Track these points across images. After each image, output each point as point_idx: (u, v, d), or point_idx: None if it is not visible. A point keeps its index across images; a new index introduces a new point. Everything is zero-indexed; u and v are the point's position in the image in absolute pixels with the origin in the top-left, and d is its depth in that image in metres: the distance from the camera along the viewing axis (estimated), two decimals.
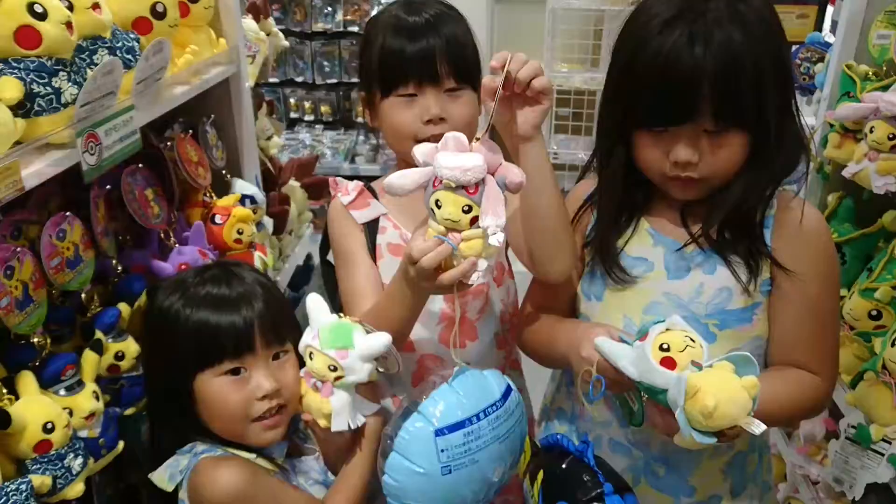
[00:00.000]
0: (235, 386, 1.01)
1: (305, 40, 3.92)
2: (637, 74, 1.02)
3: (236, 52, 1.56)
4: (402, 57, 1.15)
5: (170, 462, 1.03)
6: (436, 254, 0.94)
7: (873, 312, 1.49)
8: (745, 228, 1.09)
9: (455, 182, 0.91)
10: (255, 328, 1.02)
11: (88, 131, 0.97)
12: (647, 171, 1.10)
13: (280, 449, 1.07)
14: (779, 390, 1.07)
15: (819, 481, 1.71)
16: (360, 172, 3.96)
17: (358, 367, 0.98)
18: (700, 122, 1.00)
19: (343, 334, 0.99)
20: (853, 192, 1.70)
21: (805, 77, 1.99)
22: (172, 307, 1.03)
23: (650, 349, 0.92)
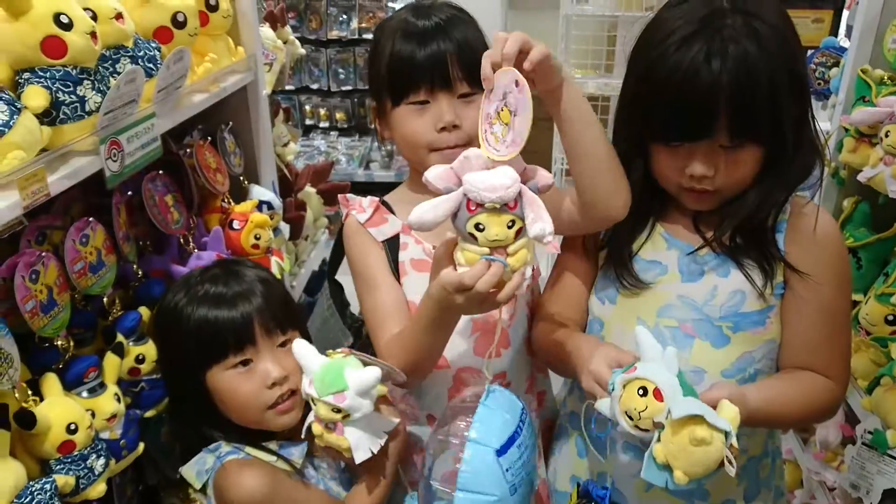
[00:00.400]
0: (244, 377, 1.06)
1: (321, 48, 3.97)
2: (654, 90, 1.02)
3: (254, 60, 1.58)
4: (412, 63, 1.13)
5: (197, 459, 1.07)
6: (491, 276, 0.91)
7: (889, 317, 1.49)
8: (757, 234, 1.10)
9: (500, 202, 0.88)
10: (255, 320, 1.07)
11: (111, 138, 0.99)
12: (663, 181, 1.11)
13: (300, 449, 1.09)
14: (790, 394, 1.08)
15: (835, 487, 1.70)
16: (375, 179, 4.00)
17: (358, 405, 0.99)
18: (716, 138, 1.01)
19: (335, 378, 0.99)
20: (869, 197, 1.69)
21: (820, 82, 1.99)
22: (177, 305, 1.09)
23: (619, 414, 0.91)
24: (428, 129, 1.14)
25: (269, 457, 1.06)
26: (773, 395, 1.06)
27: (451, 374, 1.23)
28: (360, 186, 3.99)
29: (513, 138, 0.91)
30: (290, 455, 1.08)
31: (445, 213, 0.91)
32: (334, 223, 3.38)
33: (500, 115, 0.92)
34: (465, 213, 0.90)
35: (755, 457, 1.19)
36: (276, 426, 1.09)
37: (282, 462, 1.07)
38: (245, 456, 1.06)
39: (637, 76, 1.08)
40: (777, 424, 1.17)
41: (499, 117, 0.92)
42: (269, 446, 1.08)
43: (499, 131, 0.92)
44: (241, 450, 1.06)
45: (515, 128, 0.91)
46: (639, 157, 1.11)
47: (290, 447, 1.09)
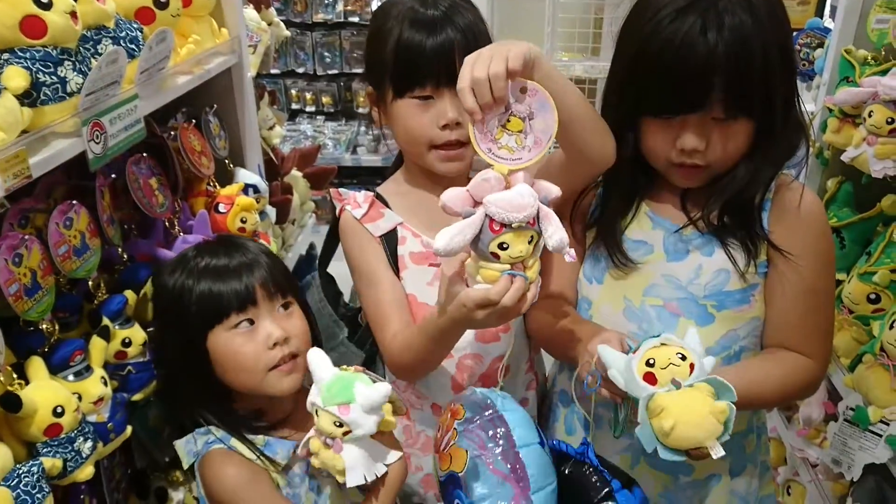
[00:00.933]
0: (246, 337, 1.06)
1: (306, 31, 3.92)
2: (648, 63, 1.02)
3: (238, 42, 1.57)
4: (420, 56, 1.11)
5: (189, 438, 1.08)
6: (516, 291, 0.94)
7: (872, 296, 1.51)
8: (744, 212, 1.10)
9: (525, 221, 0.91)
10: (256, 282, 1.07)
11: (94, 120, 0.98)
12: (652, 157, 1.11)
13: (285, 449, 1.07)
14: (768, 375, 1.09)
15: (818, 464, 1.73)
16: (362, 163, 3.98)
17: (363, 421, 0.96)
18: (710, 110, 1.01)
19: (343, 389, 0.97)
20: (852, 177, 1.71)
21: (805, 63, 2.00)
22: (177, 283, 1.09)
23: (636, 363, 0.93)
24: (430, 125, 1.14)
25: (251, 454, 1.05)
26: (751, 377, 1.08)
27: (454, 362, 1.24)
28: (347, 171, 3.96)
29: (535, 140, 0.94)
30: (273, 454, 1.06)
31: (470, 237, 0.93)
32: (322, 208, 3.37)
33: (507, 127, 0.94)
34: (489, 234, 0.92)
35: (740, 432, 1.20)
36: (276, 389, 1.08)
37: (264, 461, 1.06)
38: (229, 448, 1.05)
39: (629, 51, 1.07)
40: (755, 406, 1.18)
41: (504, 130, 0.94)
42: (254, 441, 1.07)
43: (510, 142, 0.94)
44: (226, 441, 1.06)
45: (535, 129, 0.94)
46: (628, 135, 1.10)
47: (276, 445, 1.07)
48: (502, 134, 0.94)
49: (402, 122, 1.16)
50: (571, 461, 1.05)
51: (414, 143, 1.17)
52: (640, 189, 1.17)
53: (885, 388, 1.36)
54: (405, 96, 1.14)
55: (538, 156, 0.95)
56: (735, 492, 1.23)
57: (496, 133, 0.94)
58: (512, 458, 0.99)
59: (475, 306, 0.96)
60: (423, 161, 1.19)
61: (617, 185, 1.16)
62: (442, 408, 1.26)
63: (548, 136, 0.94)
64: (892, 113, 1.44)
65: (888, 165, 1.46)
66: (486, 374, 1.25)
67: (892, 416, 1.34)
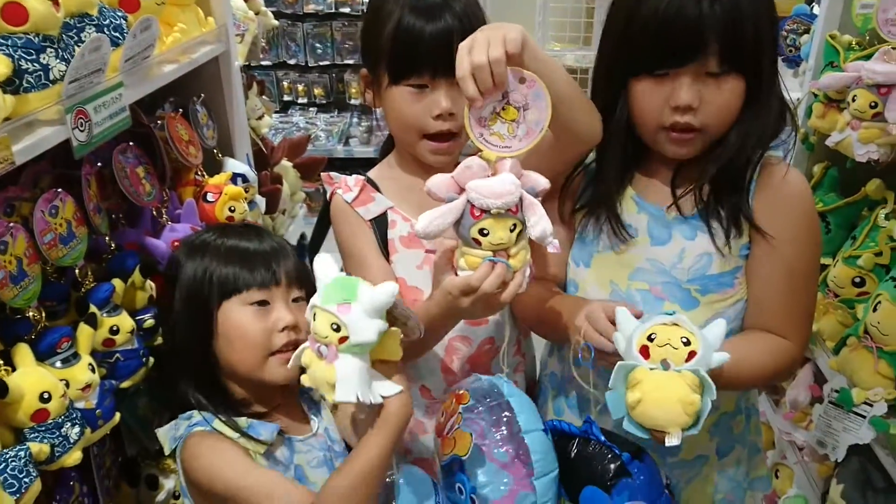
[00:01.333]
0: (258, 315, 1.08)
1: (297, 22, 3.92)
2: (644, 16, 1.02)
3: (225, 30, 1.57)
4: (418, 45, 1.10)
5: (172, 424, 1.08)
6: (496, 277, 0.95)
7: (856, 279, 1.52)
8: (734, 185, 1.10)
9: (504, 207, 0.92)
10: (282, 266, 1.11)
11: (77, 108, 0.98)
12: (644, 122, 1.09)
13: (269, 431, 1.07)
14: (745, 355, 1.08)
15: (804, 446, 1.74)
16: (355, 155, 3.98)
17: (364, 325, 0.87)
18: (705, 62, 1.01)
19: (346, 287, 0.89)
20: (837, 162, 1.72)
21: (791, 49, 2.00)
22: (205, 250, 1.13)
23: (639, 333, 0.94)
24: (423, 114, 1.14)
25: (232, 433, 1.05)
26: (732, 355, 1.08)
27: (443, 345, 1.24)
28: (340, 162, 3.96)
29: (526, 131, 0.95)
30: (257, 434, 1.06)
31: (451, 221, 0.95)
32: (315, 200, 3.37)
33: (502, 114, 0.95)
34: (470, 219, 0.94)
35: (728, 413, 1.21)
36: (273, 376, 1.09)
37: (246, 440, 1.06)
38: (211, 430, 1.06)
39: (623, 9, 1.07)
40: (731, 386, 1.16)
41: (499, 117, 0.95)
42: (238, 422, 1.07)
43: (502, 130, 0.95)
44: (209, 422, 1.06)
45: (528, 120, 0.95)
46: (620, 102, 1.10)
47: (260, 427, 1.07)
48: (496, 121, 0.95)
49: (395, 109, 1.16)
50: (577, 440, 1.02)
51: (406, 130, 1.18)
52: (631, 164, 1.16)
53: (869, 370, 1.38)
54: (401, 83, 1.14)
55: (527, 146, 0.96)
56: (724, 472, 1.24)
57: (490, 119, 0.95)
58: (516, 444, 1.01)
59: (459, 293, 0.97)
60: (414, 150, 1.20)
61: (610, 156, 1.15)
62: (431, 391, 1.28)
63: (539, 127, 0.95)
64: (875, 97, 1.45)
65: (872, 149, 1.47)
66: (474, 357, 1.26)
67: (875, 398, 1.36)
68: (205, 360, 1.10)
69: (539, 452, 0.98)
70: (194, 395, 1.10)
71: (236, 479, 0.99)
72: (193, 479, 1.04)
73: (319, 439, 1.15)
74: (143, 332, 1.18)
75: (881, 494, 1.43)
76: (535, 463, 0.98)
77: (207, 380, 1.11)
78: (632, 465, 0.97)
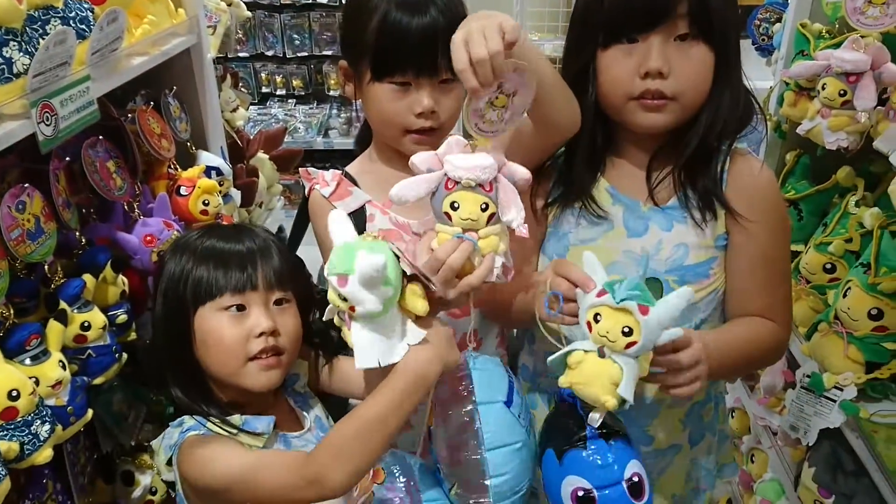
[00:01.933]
0: (234, 321, 1.04)
1: (274, 13, 3.88)
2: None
3: (196, 22, 1.55)
4: (403, 43, 1.09)
5: (165, 434, 1.06)
6: (462, 252, 0.94)
7: (828, 266, 1.54)
8: (703, 173, 1.11)
9: (475, 181, 0.92)
10: (259, 268, 1.05)
11: (43, 101, 0.96)
12: (614, 94, 1.08)
13: (265, 423, 1.06)
14: (741, 336, 1.10)
15: (778, 431, 1.77)
16: (335, 146, 3.95)
17: (361, 297, 0.86)
18: (674, 25, 1.02)
19: (345, 257, 0.86)
20: (809, 150, 1.73)
21: (764, 38, 2.02)
22: (181, 255, 1.08)
23: (588, 307, 0.92)
24: (406, 112, 1.14)
25: (228, 431, 1.04)
26: (725, 336, 1.09)
27: None
28: (319, 155, 3.93)
29: (511, 113, 0.96)
30: (254, 428, 1.04)
31: (425, 190, 0.95)
32: (294, 192, 3.34)
33: (495, 103, 0.95)
34: (443, 191, 0.94)
35: (698, 402, 1.23)
36: (252, 382, 1.05)
37: (245, 436, 1.04)
38: (206, 432, 1.04)
39: None
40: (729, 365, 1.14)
41: (492, 105, 0.95)
42: (232, 420, 1.05)
43: (493, 117, 0.96)
44: (203, 424, 1.05)
45: (515, 103, 0.96)
46: (589, 82, 1.10)
47: (255, 421, 1.05)
48: (489, 109, 0.96)
49: (377, 106, 1.16)
50: (562, 404, 1.02)
51: (387, 126, 1.17)
52: (602, 150, 1.16)
53: (839, 355, 1.40)
54: (384, 81, 1.13)
55: (511, 127, 0.97)
56: (695, 460, 1.26)
57: (484, 109, 0.95)
58: (469, 417, 1.01)
59: (431, 273, 0.95)
60: (396, 143, 1.20)
61: (580, 139, 1.14)
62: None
63: (522, 108, 0.97)
64: (844, 85, 1.46)
65: (841, 137, 1.49)
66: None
67: (845, 382, 1.38)
68: (189, 363, 1.07)
69: (493, 424, 0.99)
70: (183, 399, 1.07)
71: (240, 465, 0.97)
72: (196, 482, 1.01)
73: (314, 433, 1.14)
74: (115, 327, 1.17)
75: (851, 477, 1.45)
76: (485, 435, 0.98)
77: (195, 383, 1.08)
78: (594, 442, 0.94)
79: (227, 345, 1.04)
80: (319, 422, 1.16)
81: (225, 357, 1.05)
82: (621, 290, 0.89)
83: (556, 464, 0.95)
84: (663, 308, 0.89)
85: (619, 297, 0.89)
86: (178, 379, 1.09)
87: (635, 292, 0.89)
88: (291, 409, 1.16)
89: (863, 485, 1.41)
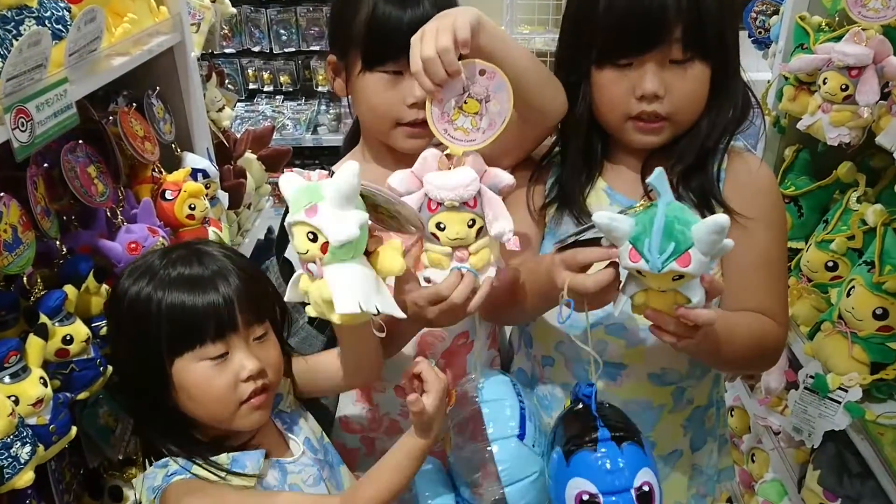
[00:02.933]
0: (218, 369, 0.96)
1: (261, 8, 3.83)
2: (604, 3, 1.01)
3: (179, 20, 1.51)
4: (396, 30, 1.06)
5: (148, 474, 1.00)
6: (466, 286, 0.93)
7: (829, 264, 1.52)
8: (700, 178, 1.09)
9: (459, 201, 0.90)
10: (236, 306, 0.96)
11: (17, 106, 0.92)
12: (609, 113, 1.07)
13: (255, 459, 1.01)
14: (743, 321, 1.06)
15: (780, 431, 1.75)
16: (323, 143, 3.91)
17: (338, 221, 0.80)
18: (668, 49, 1.00)
19: (309, 190, 0.82)
20: (809, 145, 1.71)
21: (760, 31, 1.99)
22: (141, 292, 0.97)
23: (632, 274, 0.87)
24: (398, 102, 1.11)
25: (216, 475, 0.98)
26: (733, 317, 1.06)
27: (416, 341, 1.21)
28: (308, 152, 3.89)
29: (489, 122, 0.94)
30: (243, 468, 0.99)
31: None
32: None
33: (463, 108, 0.94)
34: (427, 212, 0.92)
35: (701, 407, 1.21)
36: (244, 424, 1.00)
37: (234, 478, 0.98)
38: (191, 476, 0.98)
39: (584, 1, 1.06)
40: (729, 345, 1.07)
41: (461, 111, 0.94)
42: (218, 461, 0.99)
43: (465, 124, 0.94)
44: (188, 469, 0.98)
45: (491, 111, 0.93)
46: (582, 92, 1.08)
47: (244, 458, 1.00)
48: (458, 115, 0.94)
49: (367, 97, 1.13)
50: (576, 404, 0.98)
51: (379, 118, 1.14)
52: (597, 156, 1.14)
53: (844, 355, 1.38)
54: (375, 70, 1.10)
55: (491, 138, 0.94)
56: (696, 466, 1.24)
57: (453, 114, 0.94)
58: (485, 455, 1.00)
59: (426, 303, 0.96)
60: (387, 138, 1.16)
61: (575, 148, 1.13)
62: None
63: (502, 118, 0.94)
64: (845, 79, 1.44)
65: (843, 132, 1.46)
66: (449, 351, 1.24)
67: (850, 383, 1.36)
68: (165, 408, 1.00)
69: (509, 461, 0.97)
70: (163, 443, 1.01)
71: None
72: None
73: (307, 457, 1.09)
74: (99, 339, 1.12)
75: (857, 480, 1.43)
76: (502, 473, 0.97)
77: (174, 426, 1.01)
78: (606, 444, 0.90)
79: (215, 395, 0.97)
80: (309, 443, 1.11)
81: (215, 407, 0.98)
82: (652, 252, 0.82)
83: (563, 464, 0.91)
84: (701, 244, 0.81)
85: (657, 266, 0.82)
86: (154, 423, 1.02)
87: (668, 244, 0.81)
88: (279, 432, 1.11)
89: (869, 488, 1.39)
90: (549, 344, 1.20)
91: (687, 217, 0.82)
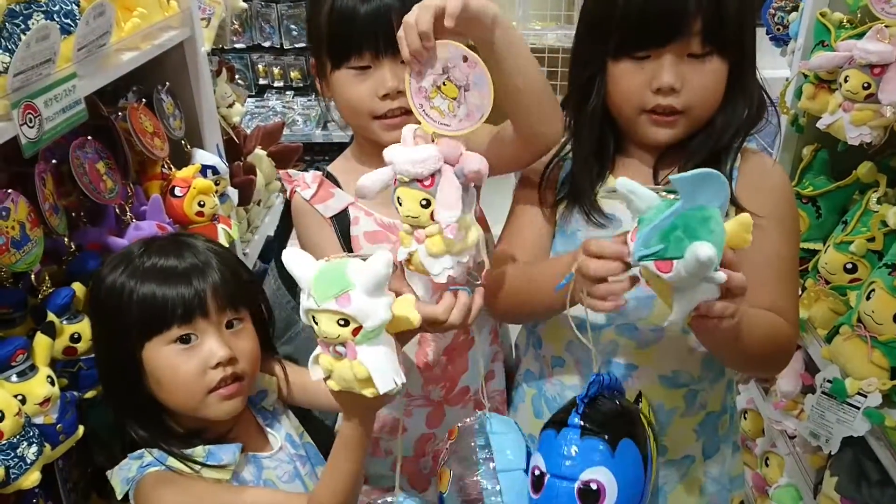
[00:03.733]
0: (186, 355, 0.96)
1: (271, 3, 3.83)
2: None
3: (189, 14, 1.49)
4: (354, 25, 1.06)
5: (122, 465, 1.00)
6: (463, 306, 0.94)
7: (848, 266, 1.49)
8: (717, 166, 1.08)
9: (408, 175, 0.88)
10: (208, 291, 0.97)
11: (25, 102, 0.91)
12: (624, 105, 1.06)
13: (230, 452, 1.00)
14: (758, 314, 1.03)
15: (795, 435, 1.72)
16: (333, 139, 3.89)
17: (370, 308, 0.80)
18: (687, 42, 0.99)
19: (336, 277, 0.80)
20: (828, 144, 1.68)
21: (779, 27, 1.96)
22: (116, 281, 0.98)
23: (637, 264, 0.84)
24: (370, 95, 1.10)
25: (191, 468, 0.98)
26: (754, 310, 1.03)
27: (415, 339, 1.18)
28: (318, 147, 3.88)
29: (467, 112, 0.91)
30: (219, 461, 0.99)
31: (379, 184, 0.92)
32: None
33: (442, 89, 0.91)
34: (392, 185, 0.91)
35: (714, 413, 1.19)
36: (215, 413, 0.99)
37: (209, 470, 0.98)
38: (165, 469, 0.97)
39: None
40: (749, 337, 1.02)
41: (439, 91, 0.91)
42: (194, 455, 0.99)
43: (443, 105, 0.91)
44: (162, 461, 0.98)
45: (470, 102, 0.90)
46: (602, 82, 1.07)
47: (219, 452, 1.00)
48: (436, 94, 0.91)
49: (341, 94, 1.13)
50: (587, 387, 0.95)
51: (355, 115, 1.14)
52: (609, 151, 1.13)
53: (863, 359, 1.35)
54: (342, 67, 1.10)
55: (465, 130, 0.91)
56: (708, 473, 1.22)
57: (431, 92, 0.92)
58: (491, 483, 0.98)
59: (425, 325, 0.93)
60: (368, 132, 1.16)
61: (587, 143, 1.12)
62: (409, 389, 1.24)
63: (480, 113, 0.91)
64: (868, 78, 1.41)
65: (864, 132, 1.43)
66: (450, 349, 1.23)
67: (869, 388, 1.33)
68: (140, 396, 1.00)
69: (512, 493, 0.96)
70: (139, 434, 1.01)
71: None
72: None
73: (285, 452, 1.09)
74: None
75: (876, 487, 1.40)
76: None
77: (149, 415, 1.01)
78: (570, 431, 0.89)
79: (182, 381, 0.97)
80: (290, 439, 1.11)
81: (182, 393, 0.98)
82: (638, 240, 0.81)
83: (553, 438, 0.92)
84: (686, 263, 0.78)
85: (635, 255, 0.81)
86: (130, 413, 1.02)
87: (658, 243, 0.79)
88: (259, 426, 1.10)
89: (888, 495, 1.37)
90: (559, 344, 1.18)
91: (698, 231, 0.79)
